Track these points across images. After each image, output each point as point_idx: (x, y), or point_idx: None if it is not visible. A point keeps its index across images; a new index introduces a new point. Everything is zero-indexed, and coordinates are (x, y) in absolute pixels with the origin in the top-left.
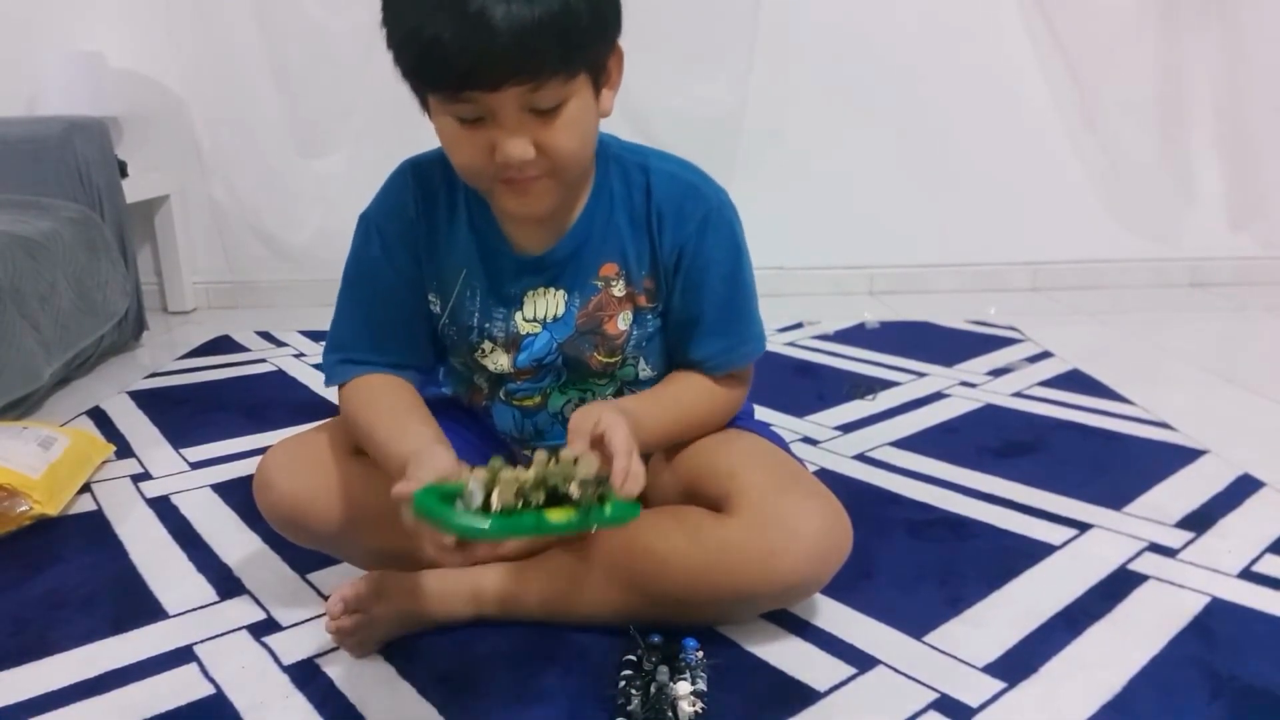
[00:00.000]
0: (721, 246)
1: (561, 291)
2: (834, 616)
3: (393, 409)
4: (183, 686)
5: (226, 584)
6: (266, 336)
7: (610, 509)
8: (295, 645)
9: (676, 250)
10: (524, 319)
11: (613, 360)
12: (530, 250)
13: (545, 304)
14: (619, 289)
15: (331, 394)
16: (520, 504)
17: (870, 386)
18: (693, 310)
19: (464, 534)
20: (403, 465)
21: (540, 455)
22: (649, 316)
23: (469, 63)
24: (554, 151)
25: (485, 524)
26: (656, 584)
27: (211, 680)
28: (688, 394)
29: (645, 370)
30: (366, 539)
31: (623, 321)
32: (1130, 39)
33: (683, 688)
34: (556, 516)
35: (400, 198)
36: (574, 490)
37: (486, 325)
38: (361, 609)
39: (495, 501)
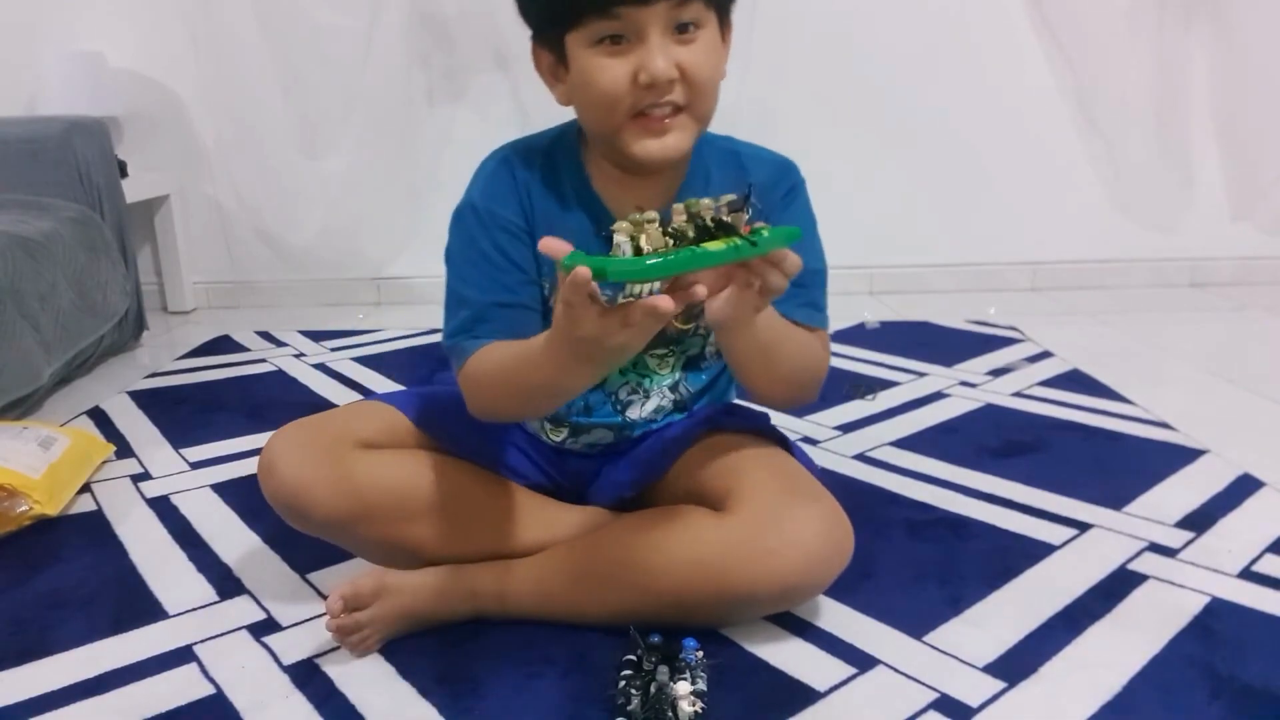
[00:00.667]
0: (802, 217)
1: None
2: (834, 616)
3: (518, 342)
4: (183, 686)
5: (226, 584)
6: (266, 336)
7: (768, 231)
8: (295, 645)
9: (765, 218)
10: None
11: (687, 327)
12: None
13: None
14: None
15: (331, 393)
16: (670, 245)
17: (870, 386)
18: None
19: (622, 275)
20: (546, 342)
21: (677, 205)
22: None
23: None
24: (693, 74)
25: (645, 262)
26: (655, 583)
27: (211, 680)
28: (795, 329)
29: (710, 346)
30: (369, 531)
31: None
32: (1128, 37)
33: (682, 688)
34: (714, 246)
35: (509, 184)
36: (725, 215)
37: None
38: (361, 607)
39: (645, 245)
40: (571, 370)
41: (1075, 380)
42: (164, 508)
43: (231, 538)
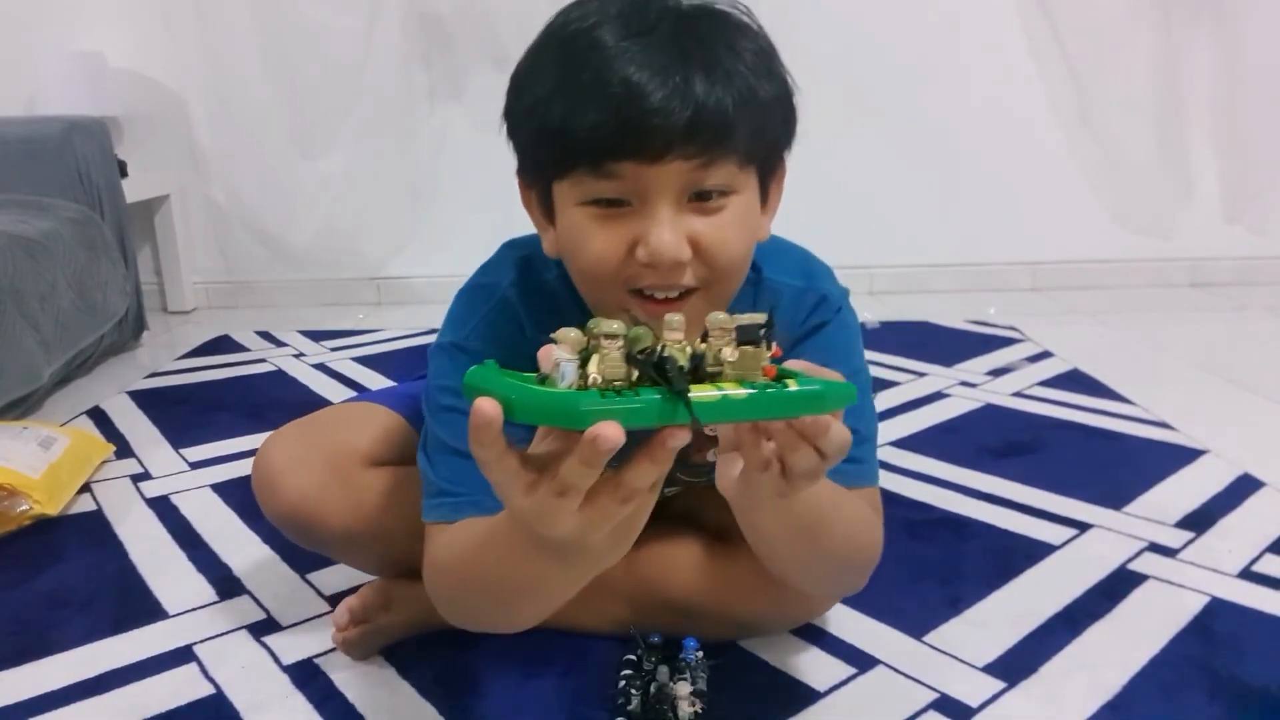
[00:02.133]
0: (824, 352)
1: None
2: (834, 616)
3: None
4: (183, 686)
5: (226, 584)
6: (266, 336)
7: (800, 381)
8: (295, 645)
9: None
10: None
11: (695, 480)
12: None
13: None
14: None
15: (331, 393)
16: (636, 379)
17: None
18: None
19: (533, 418)
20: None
21: (672, 318)
22: None
23: (630, 119)
24: (713, 253)
25: (580, 403)
26: (657, 602)
27: (211, 680)
28: (844, 494)
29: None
30: (379, 547)
31: (711, 455)
32: (1128, 38)
33: (683, 688)
34: (704, 393)
35: (514, 335)
36: (727, 353)
37: None
38: (368, 619)
39: (594, 371)
40: (534, 566)
41: (1075, 380)
42: (164, 508)
43: (231, 538)
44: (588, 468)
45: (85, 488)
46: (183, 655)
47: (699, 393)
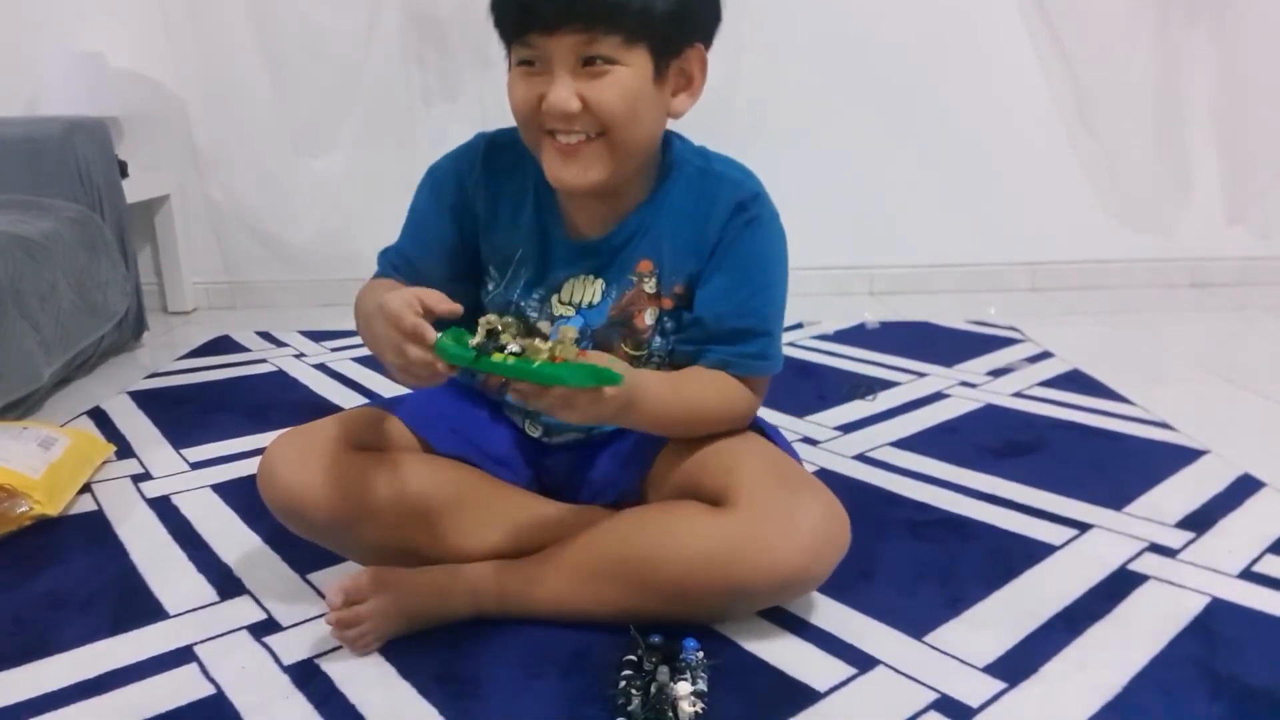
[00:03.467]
0: (752, 255)
1: (601, 281)
2: (834, 616)
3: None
4: (183, 686)
5: (226, 584)
6: (266, 337)
7: (545, 368)
8: (295, 645)
9: (713, 248)
10: (559, 301)
11: (639, 354)
12: (584, 236)
13: (584, 290)
14: (650, 286)
15: (332, 393)
16: (490, 344)
17: (870, 386)
18: (710, 307)
19: (439, 350)
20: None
21: (566, 327)
22: (668, 322)
23: (532, 2)
24: (599, 108)
25: (462, 352)
26: (657, 577)
27: (211, 680)
28: (700, 379)
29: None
30: (368, 533)
31: (649, 317)
32: (1127, 38)
33: (683, 688)
34: (496, 357)
35: (466, 168)
36: (513, 346)
37: (523, 304)
38: (361, 601)
39: (475, 339)
40: (369, 342)
41: (1075, 380)
42: (164, 508)
43: (231, 538)
44: (421, 366)
45: (86, 488)
46: (183, 655)
47: (499, 358)
